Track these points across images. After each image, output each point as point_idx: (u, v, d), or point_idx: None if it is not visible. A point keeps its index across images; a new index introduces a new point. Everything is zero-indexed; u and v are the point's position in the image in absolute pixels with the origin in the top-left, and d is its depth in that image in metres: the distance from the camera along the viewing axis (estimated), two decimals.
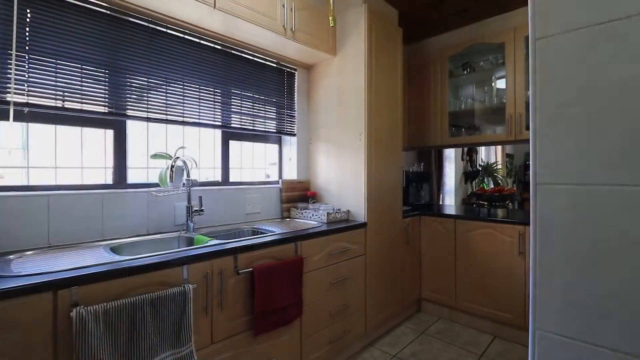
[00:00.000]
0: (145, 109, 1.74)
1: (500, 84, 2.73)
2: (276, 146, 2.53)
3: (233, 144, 2.26)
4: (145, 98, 1.74)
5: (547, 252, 0.64)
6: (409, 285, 2.56)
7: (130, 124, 1.76)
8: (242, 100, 2.17)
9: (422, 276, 2.69)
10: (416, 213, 2.66)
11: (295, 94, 2.48)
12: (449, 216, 2.55)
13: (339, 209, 2.21)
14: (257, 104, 2.26)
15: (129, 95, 1.68)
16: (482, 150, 6.00)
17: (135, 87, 1.70)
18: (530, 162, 0.66)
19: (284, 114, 2.42)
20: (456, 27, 2.96)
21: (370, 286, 2.16)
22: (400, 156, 2.50)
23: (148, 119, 1.77)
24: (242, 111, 2.18)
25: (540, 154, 0.65)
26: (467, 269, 2.43)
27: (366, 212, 2.14)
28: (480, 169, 5.58)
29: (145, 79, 1.73)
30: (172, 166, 1.55)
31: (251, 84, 2.21)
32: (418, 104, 3.04)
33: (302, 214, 2.24)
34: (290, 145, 2.50)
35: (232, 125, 2.13)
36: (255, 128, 2.25)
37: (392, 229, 2.37)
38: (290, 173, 2.49)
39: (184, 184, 1.72)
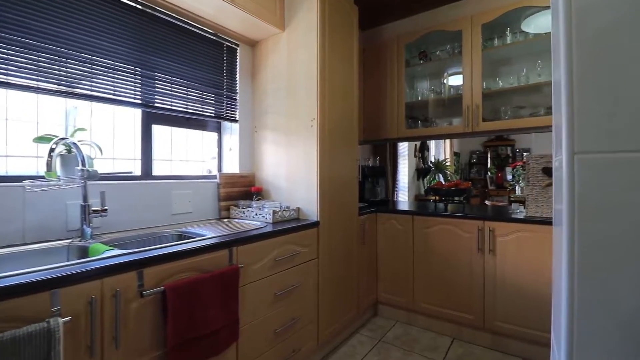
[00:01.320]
0: (35, 77, 1.29)
1: (457, 79, 2.63)
2: (215, 134, 2.16)
3: (159, 129, 1.85)
4: (34, 62, 1.29)
5: (593, 254, 0.41)
6: (365, 288, 2.35)
7: (10, 97, 1.31)
8: (171, 76, 1.78)
9: (378, 278, 2.50)
10: (372, 210, 2.46)
11: (238, 74, 2.13)
12: (407, 212, 2.38)
13: (287, 207, 1.91)
14: (190, 81, 1.87)
15: (5, 56, 1.23)
16: (432, 148, 6.10)
17: (18, 46, 1.25)
18: (564, 123, 0.43)
19: (223, 96, 2.06)
20: (413, 13, 2.81)
21: (323, 294, 1.90)
22: (357, 148, 2.28)
23: (38, 89, 1.32)
24: (172, 89, 1.79)
25: (579, 108, 0.41)
26: (424, 268, 2.28)
27: (319, 210, 1.88)
28: (431, 165, 5.65)
29: (35, 37, 1.28)
30: (53, 150, 1.12)
31: (182, 56, 1.82)
32: (374, 94, 2.85)
33: (243, 213, 1.91)
34: (231, 133, 2.15)
35: (156, 105, 1.73)
36: (186, 110, 1.86)
37: (347, 227, 2.14)
38: (232, 165, 2.14)
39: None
